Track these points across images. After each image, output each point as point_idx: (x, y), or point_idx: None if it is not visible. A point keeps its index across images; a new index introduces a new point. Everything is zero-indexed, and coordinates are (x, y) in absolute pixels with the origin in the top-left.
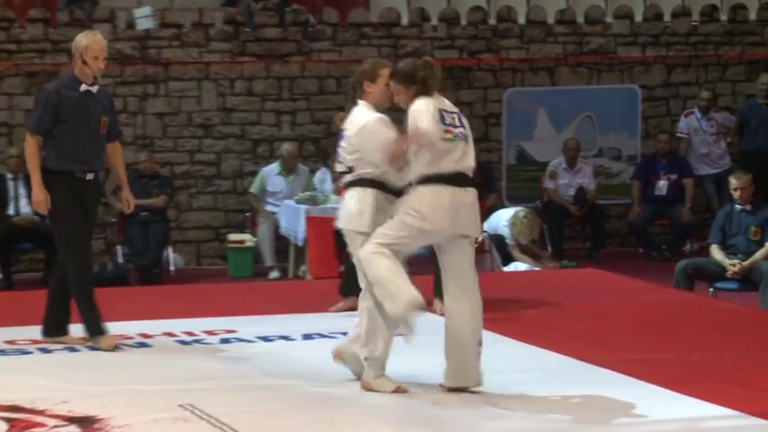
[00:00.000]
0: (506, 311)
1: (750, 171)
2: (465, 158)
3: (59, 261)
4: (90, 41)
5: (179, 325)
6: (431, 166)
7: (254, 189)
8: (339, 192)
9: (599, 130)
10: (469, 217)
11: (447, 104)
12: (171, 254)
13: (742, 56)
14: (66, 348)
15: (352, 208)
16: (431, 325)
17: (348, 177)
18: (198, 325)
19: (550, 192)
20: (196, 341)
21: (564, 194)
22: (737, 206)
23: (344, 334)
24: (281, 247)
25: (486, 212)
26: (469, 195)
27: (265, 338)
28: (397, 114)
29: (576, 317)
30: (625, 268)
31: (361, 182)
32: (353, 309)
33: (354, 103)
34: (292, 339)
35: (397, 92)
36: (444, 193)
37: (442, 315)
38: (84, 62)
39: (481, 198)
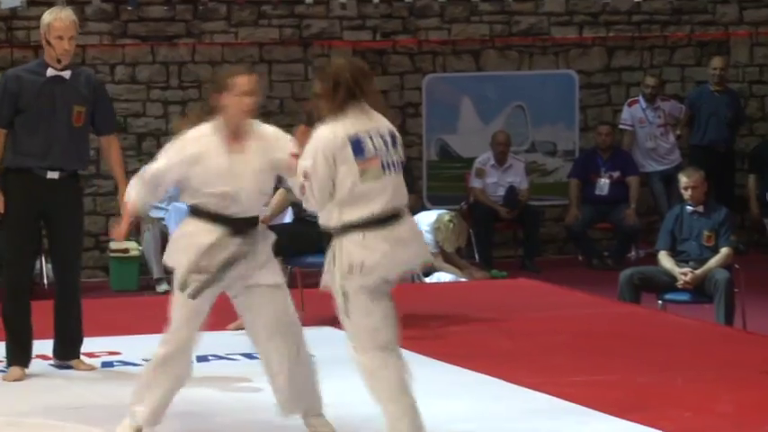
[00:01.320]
0: (428, 328)
1: (702, 167)
2: (397, 194)
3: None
4: (52, 19)
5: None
6: (349, 213)
7: None
8: None
9: (531, 122)
10: (410, 248)
11: (375, 124)
12: (44, 265)
13: (691, 37)
14: None
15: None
16: None
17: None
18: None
19: (477, 192)
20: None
21: (492, 195)
22: (688, 207)
23: (245, 355)
24: None
25: None
26: (406, 225)
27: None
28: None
29: (508, 334)
30: (562, 278)
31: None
32: None
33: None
34: None
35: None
36: (377, 238)
37: None
38: (48, 43)
39: None
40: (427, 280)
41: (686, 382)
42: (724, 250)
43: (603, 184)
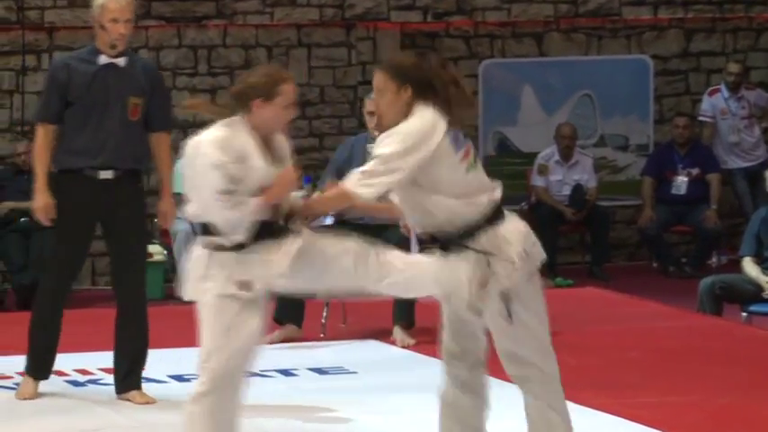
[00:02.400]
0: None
1: None
2: (493, 191)
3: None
4: (106, 0)
5: (70, 361)
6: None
7: (177, 187)
8: None
9: (600, 113)
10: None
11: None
12: None
13: None
14: None
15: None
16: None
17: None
18: (94, 361)
19: (540, 191)
20: (92, 381)
21: (557, 194)
22: None
23: (282, 372)
24: None
25: None
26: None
27: (180, 378)
28: None
29: (573, 349)
30: (634, 287)
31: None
32: (292, 339)
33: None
34: None
35: (383, 91)
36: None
37: (403, 347)
38: (102, 26)
39: None
40: None
41: None
42: None
43: (681, 182)
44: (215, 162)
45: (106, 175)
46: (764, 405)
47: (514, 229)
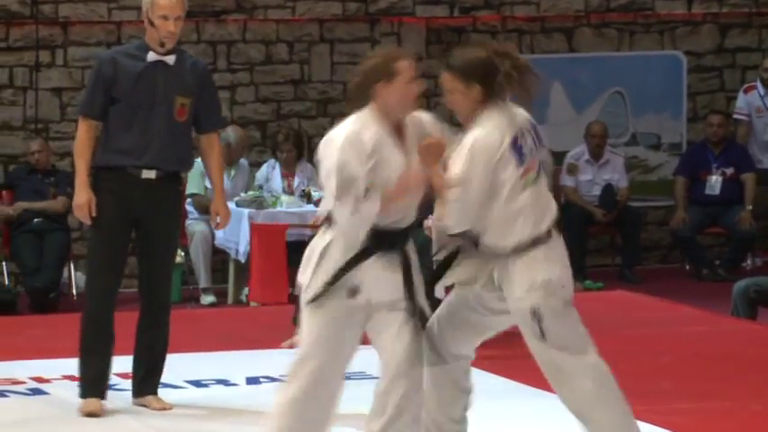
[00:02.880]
0: (511, 347)
1: None
2: (548, 210)
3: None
4: None
5: None
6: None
7: (195, 188)
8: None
9: (632, 111)
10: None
11: (523, 119)
12: (73, 273)
13: None
14: None
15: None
16: None
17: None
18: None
19: (569, 191)
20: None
21: (587, 194)
22: None
23: None
24: (217, 263)
25: None
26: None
27: (197, 383)
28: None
29: (604, 354)
30: (667, 290)
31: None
32: None
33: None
34: (233, 384)
35: (451, 91)
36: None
37: None
38: (152, 23)
39: None
40: None
41: None
42: None
43: (715, 182)
44: (337, 164)
45: (149, 174)
46: None
47: (549, 257)
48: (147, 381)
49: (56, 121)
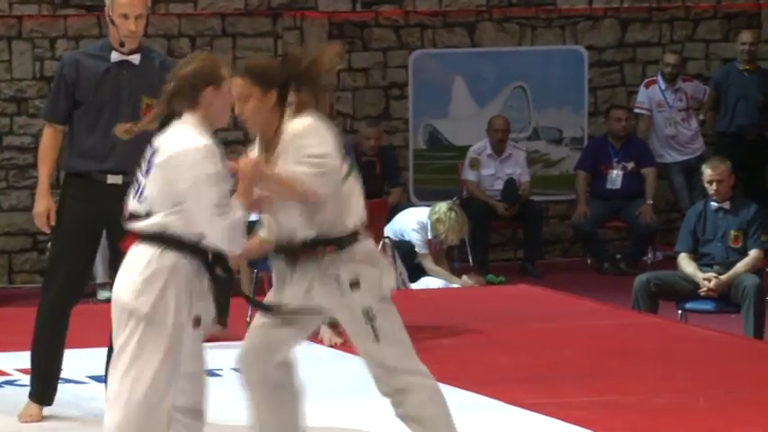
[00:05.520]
0: (415, 341)
1: (729, 157)
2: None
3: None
4: None
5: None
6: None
7: None
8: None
9: (534, 105)
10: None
11: None
12: None
13: (717, 8)
14: None
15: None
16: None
17: (142, 225)
18: (11, 361)
19: (471, 185)
20: (8, 383)
21: (489, 189)
22: (713, 204)
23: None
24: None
25: (388, 212)
26: None
27: (100, 378)
28: None
29: (506, 348)
30: (569, 284)
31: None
32: (218, 338)
33: (173, 115)
34: None
35: (241, 97)
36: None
37: (331, 346)
38: (112, 22)
39: (381, 193)
40: (414, 286)
41: (710, 403)
42: (753, 252)
43: (616, 176)
44: (212, 174)
45: (115, 180)
46: (701, 404)
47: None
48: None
49: None
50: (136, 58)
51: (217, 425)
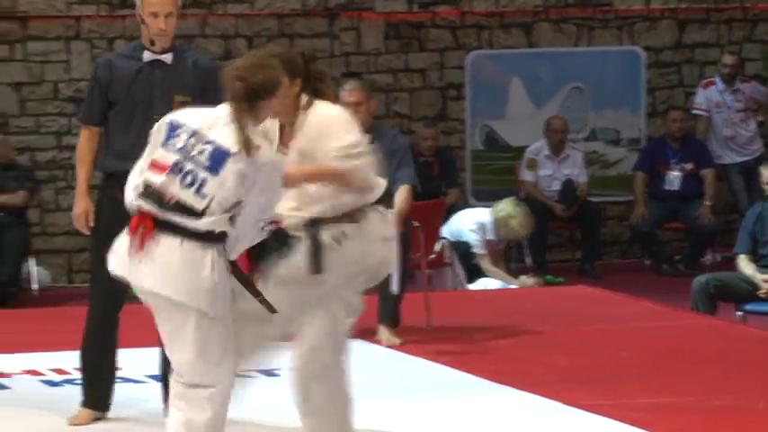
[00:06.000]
0: (473, 342)
1: None
2: None
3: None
4: None
5: (45, 360)
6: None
7: None
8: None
9: (591, 106)
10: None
11: None
12: (33, 267)
13: None
14: None
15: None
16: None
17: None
18: (70, 360)
19: (529, 186)
20: (68, 381)
21: (546, 189)
22: None
23: (265, 373)
24: None
25: (445, 213)
26: None
27: (157, 377)
28: None
29: (564, 349)
30: (627, 285)
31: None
32: None
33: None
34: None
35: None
36: None
37: (389, 347)
38: (142, 21)
39: (439, 194)
40: (472, 287)
41: None
42: None
43: (674, 177)
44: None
45: None
46: (760, 406)
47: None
48: None
49: (14, 115)
50: (168, 57)
51: (271, 426)
